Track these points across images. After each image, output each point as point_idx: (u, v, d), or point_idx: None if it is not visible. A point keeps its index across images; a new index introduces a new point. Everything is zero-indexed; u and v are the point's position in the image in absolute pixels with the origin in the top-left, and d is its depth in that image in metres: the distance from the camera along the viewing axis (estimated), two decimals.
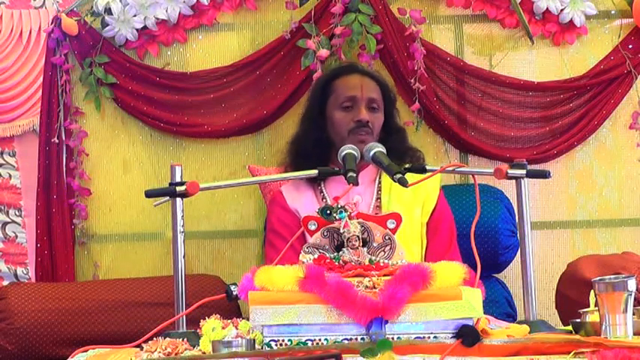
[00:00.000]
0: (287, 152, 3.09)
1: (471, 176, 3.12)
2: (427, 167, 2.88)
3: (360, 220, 2.27)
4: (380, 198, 2.96)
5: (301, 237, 2.55)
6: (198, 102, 3.71)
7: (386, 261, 2.21)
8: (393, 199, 2.95)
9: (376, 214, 2.85)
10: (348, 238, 2.23)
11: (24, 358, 3.24)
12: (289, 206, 3.00)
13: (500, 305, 3.46)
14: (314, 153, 2.98)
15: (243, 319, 2.26)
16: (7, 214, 3.73)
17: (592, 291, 2.25)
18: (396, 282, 2.06)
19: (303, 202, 2.98)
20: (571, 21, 3.67)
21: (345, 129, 2.98)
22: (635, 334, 2.12)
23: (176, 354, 2.14)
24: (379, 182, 2.99)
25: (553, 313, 3.38)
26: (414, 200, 2.97)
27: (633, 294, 2.12)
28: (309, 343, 2.05)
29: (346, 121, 2.98)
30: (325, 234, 2.27)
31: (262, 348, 2.06)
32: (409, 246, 2.89)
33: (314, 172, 2.88)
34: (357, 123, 2.97)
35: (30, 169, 3.70)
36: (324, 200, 2.96)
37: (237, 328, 2.18)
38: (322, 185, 3.01)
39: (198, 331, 2.24)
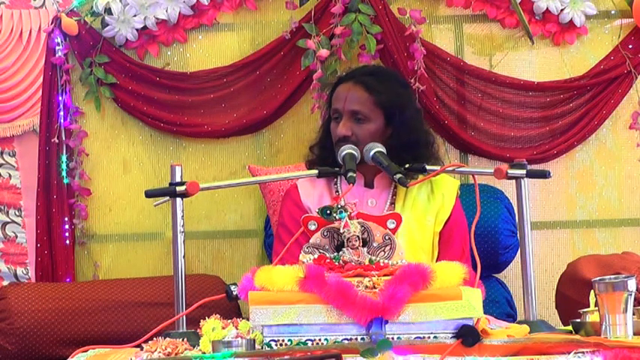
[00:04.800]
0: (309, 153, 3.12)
1: (471, 176, 3.12)
2: (427, 167, 2.89)
3: (360, 220, 2.28)
4: (394, 203, 2.94)
5: (303, 241, 2.53)
6: (198, 102, 3.71)
7: (386, 261, 2.22)
8: (407, 206, 2.92)
9: None
10: (348, 238, 2.24)
11: (24, 358, 3.24)
12: (302, 201, 2.99)
13: (500, 305, 3.46)
14: (326, 154, 2.99)
15: (243, 319, 2.26)
16: (7, 214, 3.74)
17: (592, 291, 2.25)
18: (396, 282, 2.06)
19: (316, 198, 2.98)
20: (571, 21, 3.67)
21: (334, 140, 2.98)
22: (635, 334, 2.12)
23: (176, 354, 2.14)
24: (394, 187, 2.96)
25: (553, 313, 3.38)
26: (428, 208, 2.94)
27: (633, 294, 2.12)
28: (309, 343, 2.05)
29: (334, 132, 2.98)
30: (325, 234, 2.28)
31: (262, 348, 2.06)
32: (418, 254, 2.86)
33: (314, 172, 2.88)
34: (337, 137, 2.96)
35: (30, 169, 3.70)
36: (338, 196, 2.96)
37: (237, 328, 2.18)
38: (338, 183, 3.00)
39: (198, 331, 2.24)
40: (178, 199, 2.61)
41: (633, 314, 2.14)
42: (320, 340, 2.06)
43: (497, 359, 2.01)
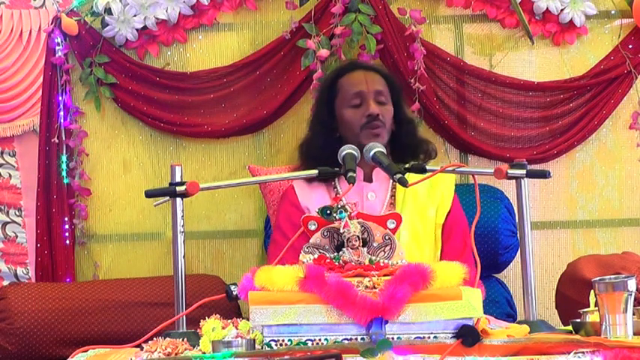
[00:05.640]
0: (298, 154, 3.09)
1: (471, 176, 3.12)
2: (427, 167, 2.89)
3: (360, 220, 2.28)
4: (394, 196, 2.96)
5: (304, 237, 2.53)
6: (198, 102, 3.71)
7: (386, 261, 2.21)
8: (408, 198, 2.95)
9: (388, 212, 2.89)
10: (348, 238, 2.23)
11: (24, 358, 3.24)
12: (299, 202, 3.00)
13: (500, 305, 3.46)
14: (325, 154, 2.97)
15: (243, 319, 2.26)
16: (7, 214, 3.73)
17: (592, 291, 2.25)
18: (396, 282, 2.06)
19: (314, 198, 2.98)
20: (571, 21, 3.67)
21: (357, 125, 2.98)
22: (635, 334, 2.12)
23: (176, 354, 2.14)
24: (393, 180, 2.99)
25: (553, 313, 3.38)
26: (429, 200, 2.97)
27: (633, 294, 2.12)
28: (309, 343, 2.05)
29: (357, 117, 2.98)
30: (325, 234, 2.28)
31: (262, 348, 2.06)
32: (421, 245, 2.89)
33: (314, 172, 2.88)
34: (368, 118, 2.97)
35: (30, 169, 3.70)
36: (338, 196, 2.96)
37: (237, 328, 2.18)
38: (336, 182, 3.00)
39: (198, 331, 2.24)
40: (178, 199, 2.60)
41: (633, 314, 2.13)
42: (320, 340, 2.05)
43: (497, 359, 2.01)
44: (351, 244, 2.23)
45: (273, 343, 2.06)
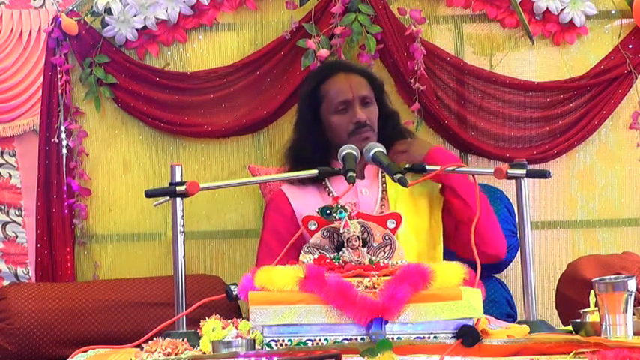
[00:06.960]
0: (285, 159, 3.11)
1: (471, 176, 3.13)
2: (427, 167, 2.90)
3: (360, 220, 2.28)
4: (386, 190, 2.98)
5: (291, 250, 2.51)
6: (198, 102, 3.70)
7: (386, 261, 2.22)
8: (400, 192, 2.97)
9: (382, 205, 2.90)
10: (348, 238, 2.24)
11: (24, 358, 3.24)
12: (289, 206, 3.00)
13: (500, 305, 3.45)
14: (314, 157, 2.99)
15: (243, 319, 2.26)
16: (8, 214, 3.73)
17: (592, 291, 2.25)
18: (396, 282, 2.06)
19: (305, 201, 2.98)
20: (571, 21, 3.67)
21: (344, 132, 3.00)
22: (635, 334, 2.12)
23: (176, 354, 2.14)
24: (383, 176, 3.02)
25: (553, 313, 3.38)
26: (420, 192, 3.00)
27: (633, 294, 2.12)
28: (309, 343, 2.05)
29: (344, 123, 3.00)
30: (325, 234, 2.28)
31: (262, 348, 2.06)
32: (419, 236, 2.94)
33: (314, 172, 2.88)
34: (355, 124, 2.99)
35: (30, 169, 3.70)
36: (331, 196, 2.97)
37: (237, 328, 2.18)
38: (327, 182, 3.02)
39: (198, 331, 2.24)
40: (178, 199, 2.61)
41: (633, 314, 2.14)
42: (320, 340, 2.06)
43: (497, 359, 2.01)
44: (351, 244, 2.23)
45: (273, 343, 2.06)
